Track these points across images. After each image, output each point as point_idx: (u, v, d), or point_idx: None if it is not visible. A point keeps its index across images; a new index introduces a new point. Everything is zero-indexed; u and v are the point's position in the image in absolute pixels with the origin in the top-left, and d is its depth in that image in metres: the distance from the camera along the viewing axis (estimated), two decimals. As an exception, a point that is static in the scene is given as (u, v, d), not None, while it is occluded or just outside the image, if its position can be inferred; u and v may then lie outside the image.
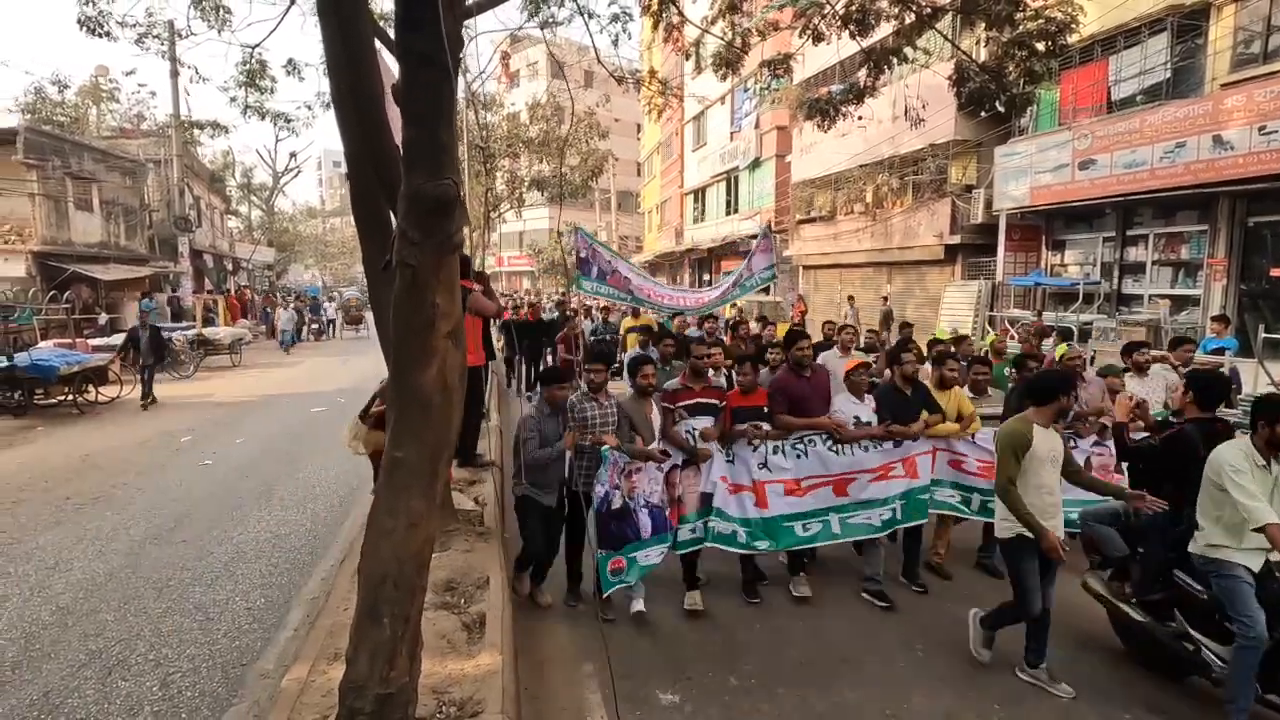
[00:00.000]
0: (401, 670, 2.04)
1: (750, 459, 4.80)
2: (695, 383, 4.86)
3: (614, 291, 9.17)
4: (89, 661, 4.06)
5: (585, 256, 8.83)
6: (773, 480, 4.81)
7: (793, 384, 4.95)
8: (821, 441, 4.85)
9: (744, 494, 4.81)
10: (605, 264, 9.05)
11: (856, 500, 4.91)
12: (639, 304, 9.54)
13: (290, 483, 7.60)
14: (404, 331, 2.02)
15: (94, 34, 7.71)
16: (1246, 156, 10.01)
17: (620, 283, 9.17)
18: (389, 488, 2.06)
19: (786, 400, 4.88)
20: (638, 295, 9.14)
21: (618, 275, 9.15)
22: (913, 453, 5.02)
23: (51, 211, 18.71)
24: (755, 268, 9.72)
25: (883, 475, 4.93)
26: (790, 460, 4.82)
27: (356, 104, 2.88)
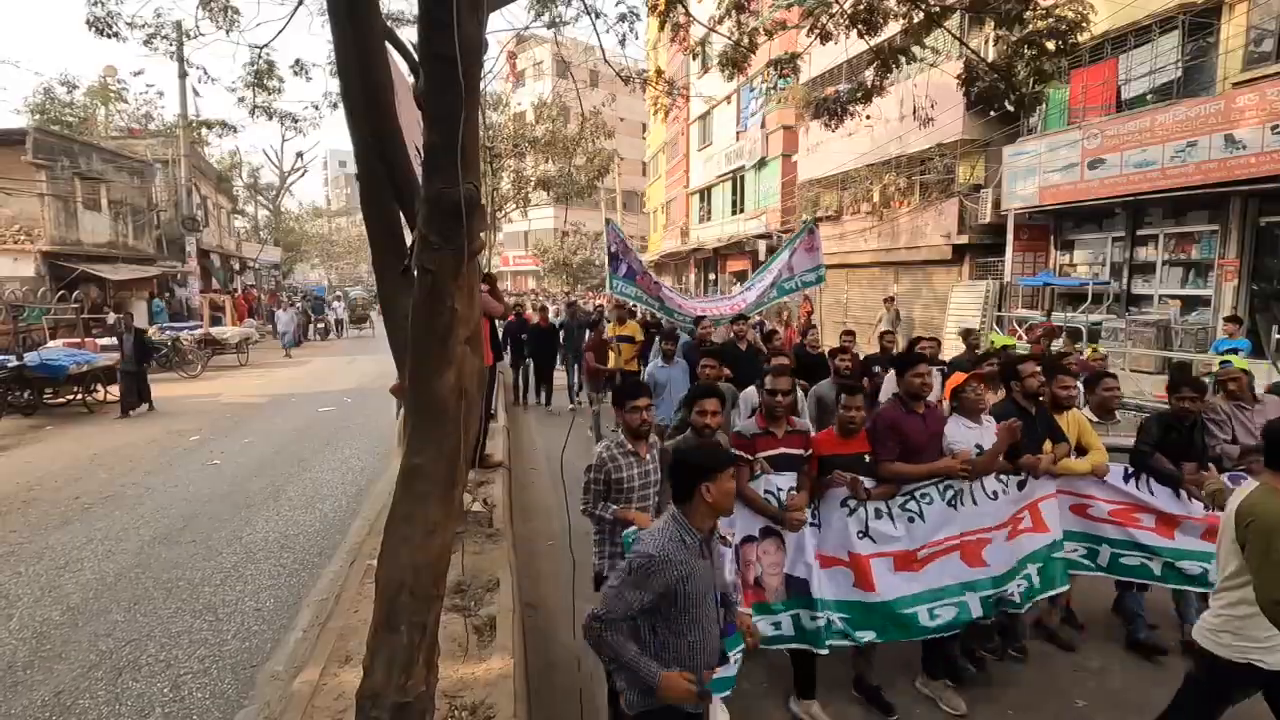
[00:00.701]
0: (419, 679, 2.03)
1: (846, 525, 3.61)
2: (772, 423, 3.65)
3: (642, 295, 8.33)
4: (100, 662, 4.07)
5: (615, 251, 8.02)
6: (879, 553, 3.61)
7: (903, 421, 3.71)
8: (940, 494, 3.68)
9: (838, 569, 3.61)
10: (636, 262, 8.30)
11: (997, 569, 3.75)
12: (666, 313, 8.63)
13: (299, 483, 7.61)
14: (422, 337, 2.01)
15: (103, 35, 7.71)
16: (1259, 156, 9.92)
17: (650, 285, 8.37)
18: (406, 495, 2.05)
19: (898, 444, 3.67)
20: (668, 304, 8.38)
21: (648, 277, 8.38)
22: (1037, 496, 3.95)
23: (60, 211, 18.80)
24: (797, 268, 8.83)
25: (1013, 530, 3.86)
26: (900, 525, 3.63)
27: (366, 105, 2.87)
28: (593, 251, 43.52)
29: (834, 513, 3.63)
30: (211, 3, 7.64)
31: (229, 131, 23.47)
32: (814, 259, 8.97)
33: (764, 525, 3.53)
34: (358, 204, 3.63)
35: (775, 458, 3.58)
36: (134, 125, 30.04)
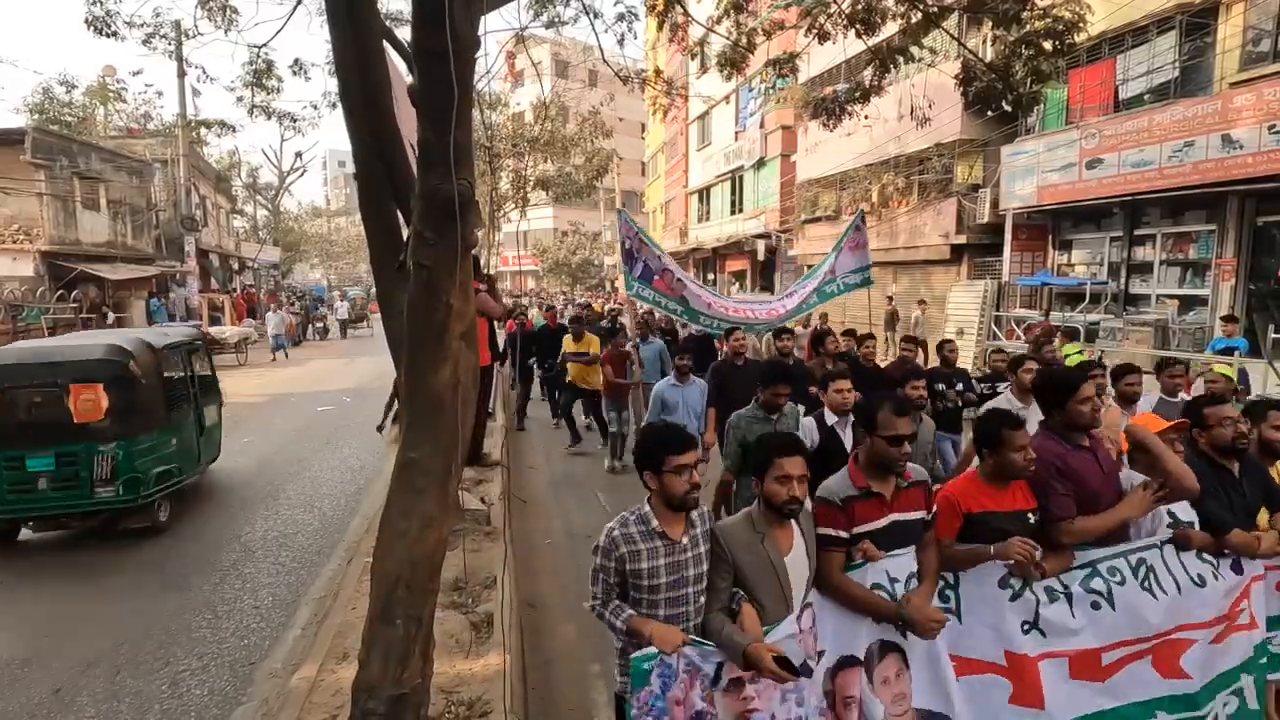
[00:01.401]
0: (414, 671, 2.04)
1: (1005, 615, 2.51)
2: (878, 479, 2.48)
3: (661, 297, 7.24)
4: (98, 659, 4.08)
5: (630, 248, 7.01)
6: (1052, 652, 2.54)
7: (1072, 459, 2.62)
8: (1130, 569, 2.61)
9: (989, 679, 2.52)
10: (654, 260, 7.17)
11: (1198, 683, 2.67)
12: (691, 317, 7.48)
13: (298, 482, 7.62)
14: (418, 332, 2.02)
15: (101, 34, 7.72)
16: (1256, 156, 9.95)
17: (670, 285, 7.21)
18: (402, 489, 2.06)
19: (1073, 492, 2.57)
20: (693, 305, 7.24)
21: (668, 275, 7.21)
22: (1248, 578, 2.81)
23: (59, 211, 18.80)
24: (841, 269, 7.92)
25: (1224, 629, 2.75)
26: (1081, 612, 2.54)
27: (365, 104, 2.88)
28: (591, 251, 43.55)
29: (986, 598, 2.51)
30: (210, 2, 7.65)
31: (228, 131, 23.52)
32: (860, 258, 8.01)
33: (877, 638, 2.42)
34: (357, 204, 3.66)
35: (887, 531, 2.43)
36: (133, 125, 30.03)
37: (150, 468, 5.85)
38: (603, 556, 2.26)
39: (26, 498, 5.54)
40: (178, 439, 6.38)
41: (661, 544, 2.23)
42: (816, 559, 2.38)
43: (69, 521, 5.92)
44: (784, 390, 4.03)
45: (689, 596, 2.26)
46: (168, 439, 6.20)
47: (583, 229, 44.13)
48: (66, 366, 5.70)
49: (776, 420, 3.99)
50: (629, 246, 7.02)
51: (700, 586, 2.30)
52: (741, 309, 7.74)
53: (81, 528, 6.02)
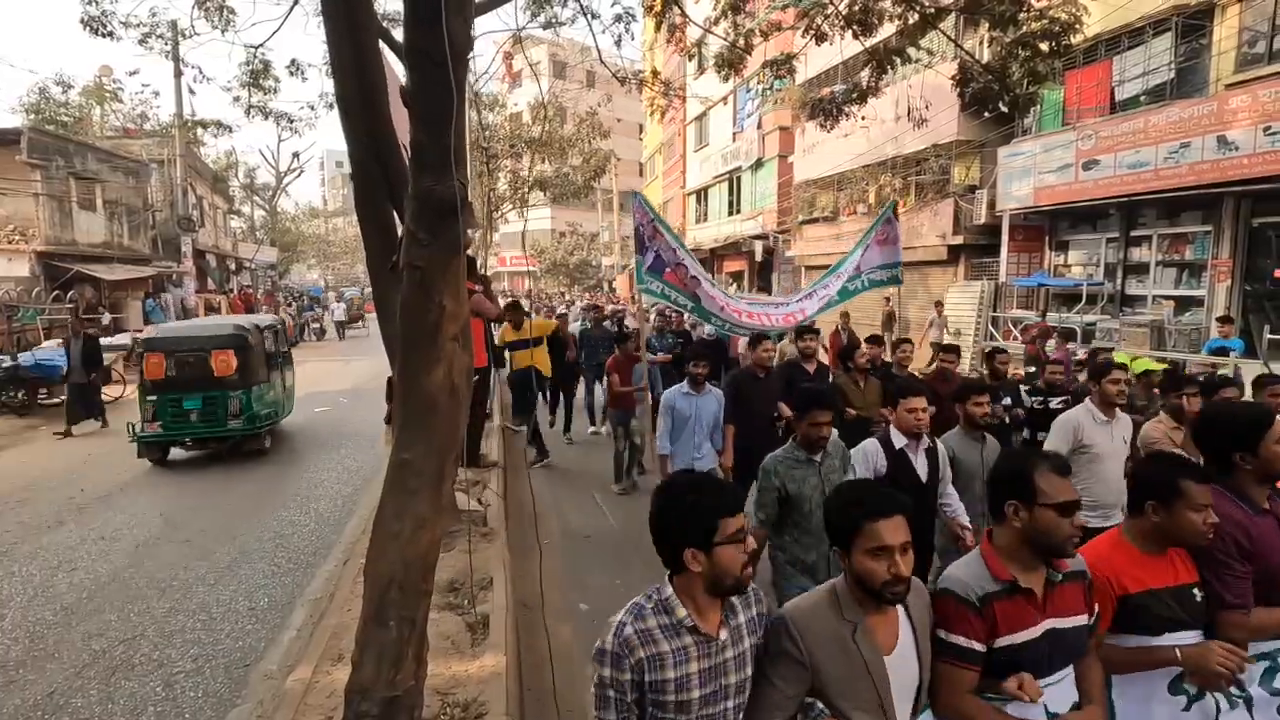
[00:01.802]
0: (408, 673, 2.04)
1: None
2: (1028, 568, 1.82)
3: (674, 292, 6.49)
4: (93, 662, 4.07)
5: (644, 235, 6.29)
6: None
7: (1253, 527, 2.03)
8: None
9: None
10: (669, 250, 6.35)
11: None
12: (702, 316, 6.86)
13: (294, 482, 7.60)
14: (411, 333, 2.02)
15: (97, 34, 7.72)
16: (1251, 157, 9.97)
17: (683, 280, 6.44)
18: (395, 490, 2.06)
19: (1245, 565, 2.00)
20: (706, 305, 6.54)
21: (682, 270, 6.41)
22: None
23: (55, 211, 18.75)
24: (868, 264, 7.15)
25: None
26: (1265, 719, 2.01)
27: (362, 105, 2.88)
28: (589, 252, 43.55)
29: (1153, 711, 1.96)
30: (207, 2, 7.65)
31: (224, 131, 23.47)
32: (889, 253, 7.20)
33: None
34: (353, 204, 3.66)
35: (1037, 644, 1.75)
36: (129, 125, 29.97)
37: (261, 409, 8.65)
38: (613, 666, 1.61)
39: (183, 426, 8.27)
40: (274, 391, 9.21)
41: (695, 644, 1.62)
42: (934, 670, 1.74)
43: (209, 444, 8.56)
44: (823, 419, 3.15)
45: (727, 713, 1.65)
46: (269, 390, 9.01)
47: (580, 230, 44.13)
48: (209, 339, 8.55)
49: (821, 461, 3.16)
50: (642, 234, 6.24)
51: (742, 699, 1.67)
52: (757, 314, 6.85)
53: (216, 449, 8.60)
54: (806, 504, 3.07)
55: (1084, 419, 3.78)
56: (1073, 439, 3.70)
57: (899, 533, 1.62)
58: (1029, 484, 1.77)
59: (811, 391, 3.39)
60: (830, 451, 3.22)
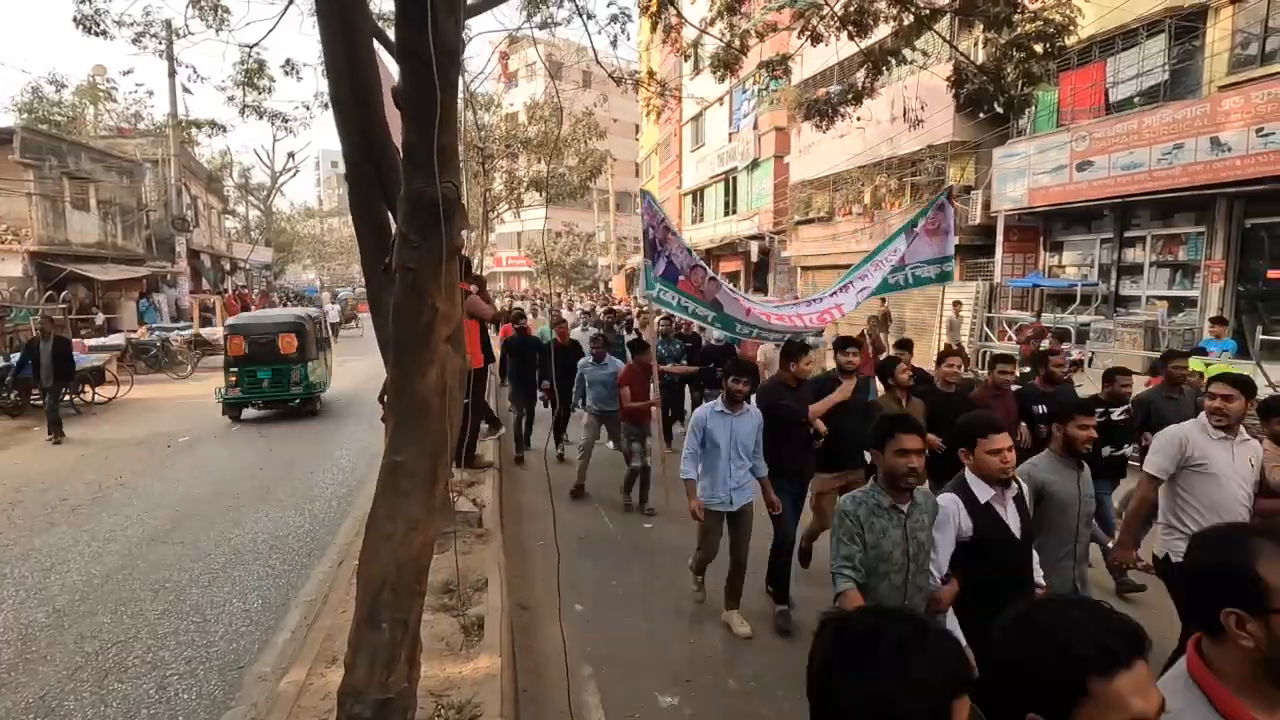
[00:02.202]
0: (400, 675, 2.03)
1: None
2: (1259, 697, 1.19)
3: (690, 302, 5.85)
4: (85, 664, 4.05)
5: (654, 239, 5.73)
6: None
7: None
8: None
9: None
10: (682, 254, 5.81)
11: None
12: (725, 325, 6.09)
13: (288, 484, 7.58)
14: (404, 335, 2.01)
15: (91, 33, 7.68)
16: (1244, 158, 10.03)
17: (699, 286, 5.83)
18: (388, 491, 2.05)
19: None
20: (728, 310, 5.85)
21: (698, 274, 5.82)
22: None
23: (48, 211, 18.66)
24: (913, 257, 6.20)
25: None
26: None
27: (356, 105, 2.87)
28: (585, 252, 43.53)
29: None
30: (201, 1, 7.62)
31: (219, 131, 23.36)
32: (940, 245, 6.21)
33: None
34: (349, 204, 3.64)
35: None
36: (123, 125, 29.85)
37: (314, 379, 11.31)
38: None
39: (257, 391, 10.92)
40: (322, 367, 11.99)
41: None
42: None
43: (275, 405, 11.28)
44: (913, 445, 2.53)
45: None
46: (320, 365, 11.79)
47: (576, 230, 44.11)
48: (277, 325, 11.21)
49: (909, 514, 2.60)
50: (652, 237, 5.66)
51: None
52: (788, 315, 6.10)
53: (280, 410, 11.35)
54: (883, 565, 2.56)
55: (1194, 434, 3.32)
56: (1179, 455, 3.29)
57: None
58: (1252, 581, 1.19)
59: (896, 415, 2.82)
60: (919, 502, 2.65)
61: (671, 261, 5.75)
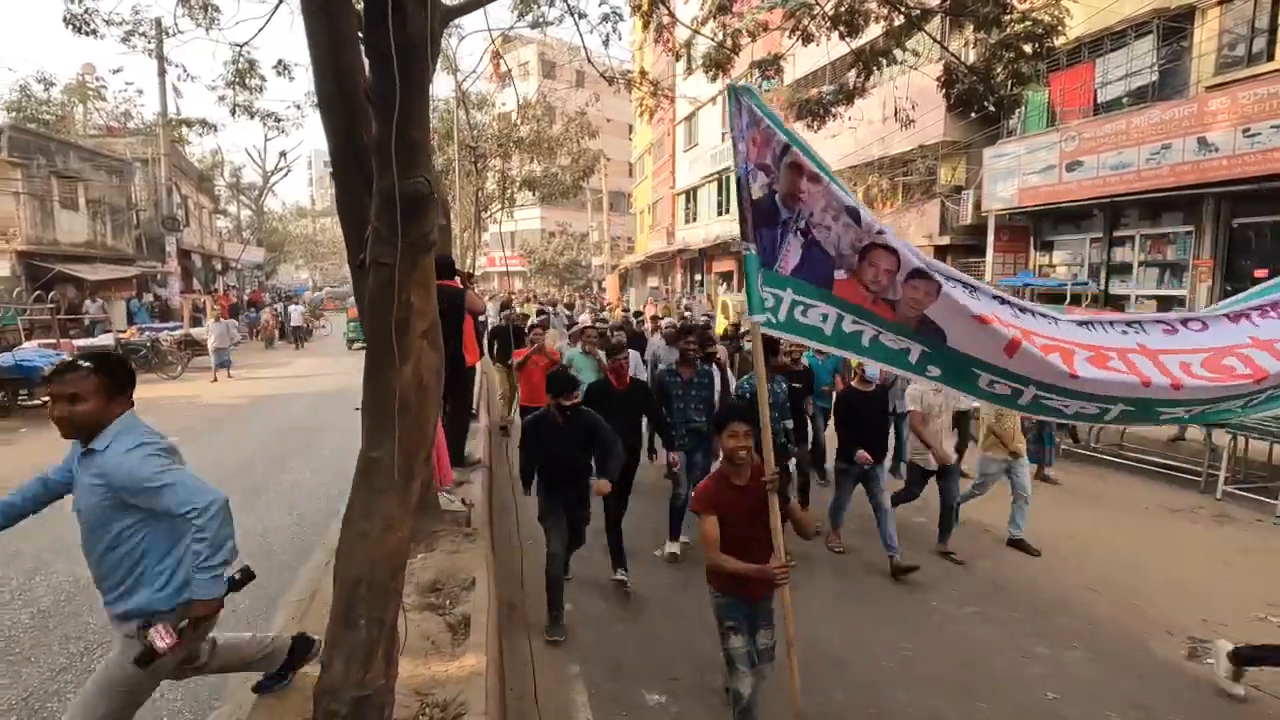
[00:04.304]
0: (378, 673, 2.03)
1: None
2: None
3: (858, 322, 2.84)
4: (69, 665, 4.02)
5: (767, 190, 2.78)
6: None
7: None
8: None
9: None
10: (834, 225, 2.72)
11: None
12: (948, 377, 2.84)
13: (277, 484, 7.54)
14: (378, 330, 2.01)
15: (80, 31, 7.63)
16: (1231, 158, 10.10)
17: (884, 293, 2.74)
18: (363, 489, 2.04)
19: None
20: (955, 345, 2.71)
21: (881, 263, 2.70)
22: None
23: (37, 211, 18.53)
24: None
25: None
26: None
27: (341, 103, 2.86)
28: (579, 252, 43.49)
29: None
30: (190, 0, 7.57)
31: (209, 130, 23.23)
32: None
33: None
34: (335, 202, 3.63)
35: None
36: (113, 123, 29.68)
37: None
38: None
39: None
40: None
41: None
42: None
43: None
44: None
45: None
46: None
47: (570, 230, 44.08)
48: None
49: None
50: (769, 188, 2.80)
51: None
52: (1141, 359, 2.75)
53: None
54: None
55: None
56: None
57: None
58: None
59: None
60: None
61: (814, 242, 2.74)
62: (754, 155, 2.81)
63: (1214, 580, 5.27)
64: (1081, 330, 2.80)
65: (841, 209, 2.69)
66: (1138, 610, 4.72)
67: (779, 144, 2.71)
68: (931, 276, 2.64)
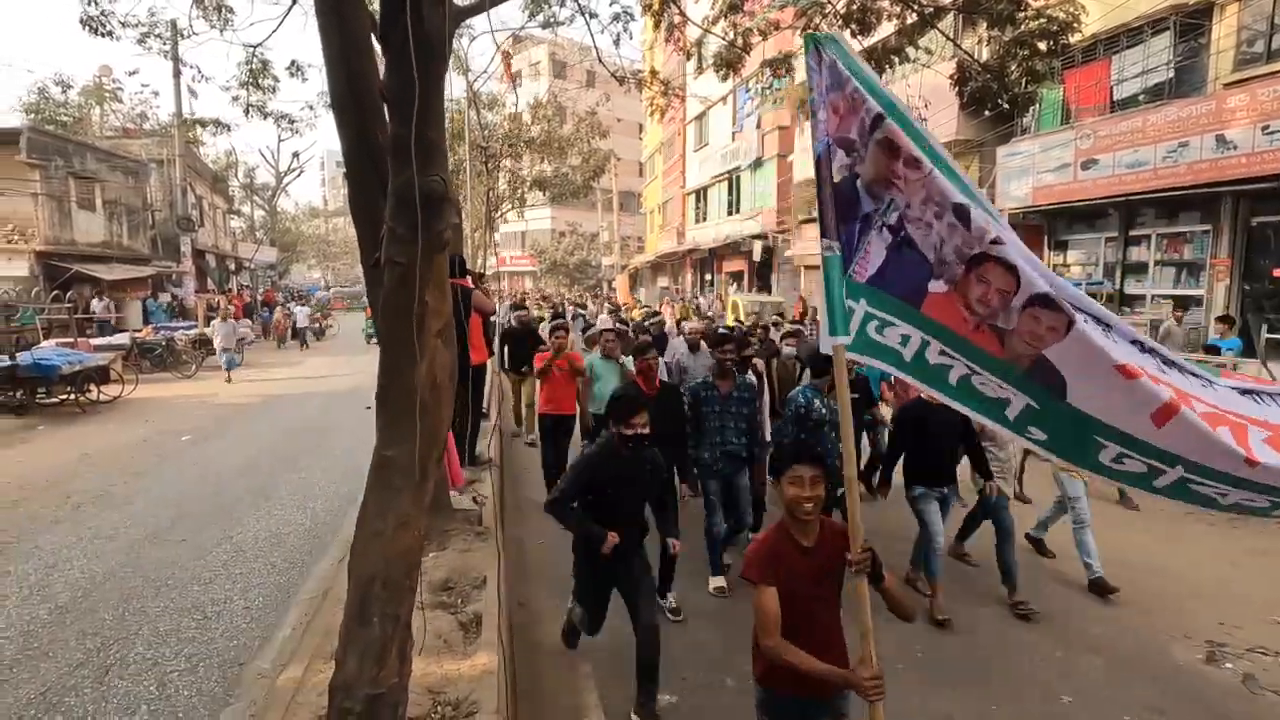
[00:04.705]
0: (391, 670, 2.04)
1: None
2: None
3: (947, 354, 2.18)
4: (86, 660, 4.07)
5: (849, 177, 2.17)
6: None
7: None
8: None
9: None
10: (933, 224, 2.06)
11: None
12: (1062, 446, 2.17)
13: (290, 482, 7.60)
14: (392, 329, 2.02)
15: (97, 34, 7.71)
16: (1250, 156, 9.96)
17: (995, 316, 2.04)
18: (377, 487, 2.05)
19: None
20: (1077, 405, 2.03)
21: (990, 279, 2.01)
22: None
23: (54, 211, 18.76)
24: None
25: None
26: None
27: (354, 103, 2.88)
28: (589, 252, 43.53)
29: None
30: (205, 1, 7.64)
31: (223, 130, 23.39)
32: None
33: None
34: (347, 202, 3.65)
35: None
36: (129, 125, 30.01)
37: None
38: None
39: None
40: None
41: None
42: None
43: None
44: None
45: None
46: None
47: (580, 229, 44.14)
48: None
49: None
50: (849, 170, 2.18)
51: None
52: None
53: None
54: None
55: None
56: None
57: None
58: None
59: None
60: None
61: (905, 242, 2.17)
62: (835, 127, 2.20)
63: (1229, 583, 5.20)
64: (1246, 400, 2.09)
65: (948, 205, 2.04)
66: (1153, 613, 4.67)
67: (870, 113, 2.09)
68: (1061, 308, 1.94)
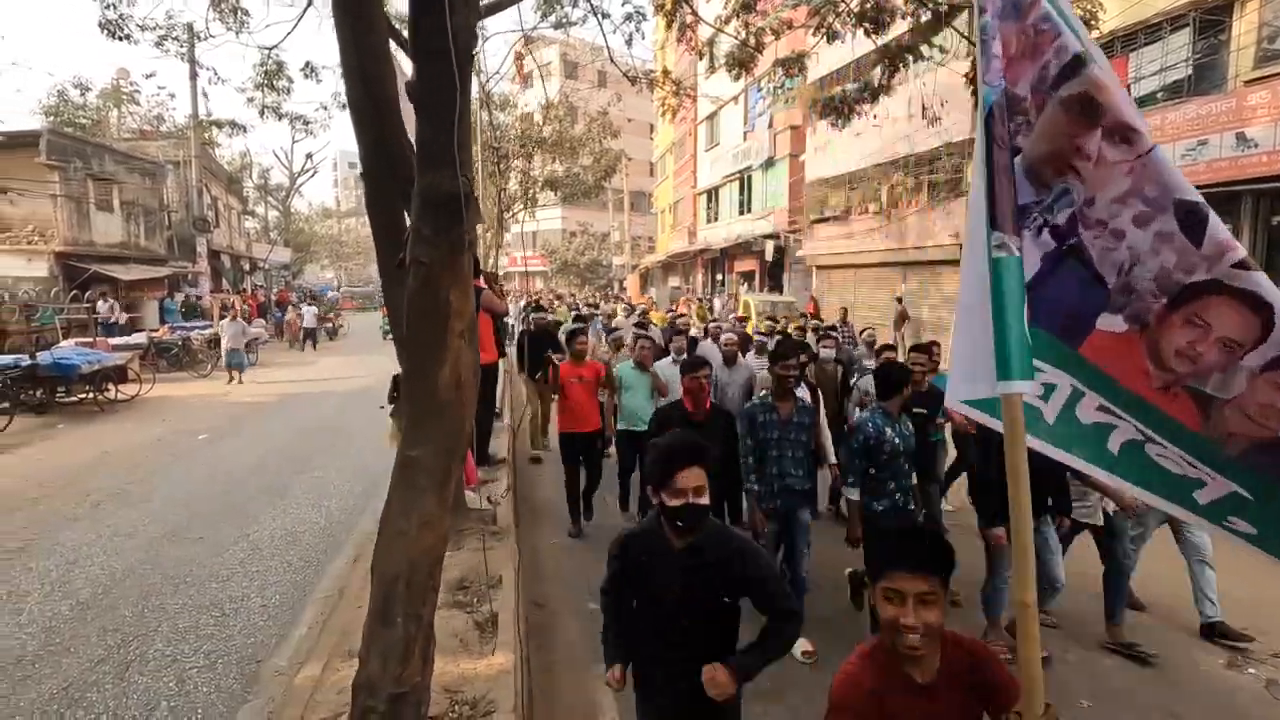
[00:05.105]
0: (414, 670, 2.05)
1: None
2: None
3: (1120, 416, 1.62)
4: (107, 656, 4.11)
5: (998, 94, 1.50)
6: None
7: None
8: None
9: None
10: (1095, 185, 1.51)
11: None
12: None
13: (305, 480, 7.66)
14: (417, 329, 2.03)
15: (115, 37, 7.81)
16: (1271, 154, 9.83)
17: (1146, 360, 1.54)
18: (402, 487, 2.07)
19: None
20: None
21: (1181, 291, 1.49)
22: None
23: (73, 212, 18.99)
24: None
25: None
26: None
27: (372, 102, 2.89)
28: (600, 252, 43.56)
29: None
30: (222, 4, 7.72)
31: (239, 131, 23.60)
32: None
33: None
34: (365, 205, 3.68)
35: None
36: (146, 127, 30.36)
37: None
38: None
39: None
40: None
41: None
42: None
43: None
44: None
45: None
46: None
47: (591, 229, 44.17)
48: None
49: None
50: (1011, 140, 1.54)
51: None
52: None
53: None
54: None
55: None
56: None
57: None
58: None
59: None
60: None
61: (1072, 253, 1.61)
62: (1008, 70, 1.51)
63: (1251, 587, 5.12)
64: None
65: (1167, 204, 1.44)
66: (1174, 617, 4.61)
67: (1064, 55, 1.43)
68: None
